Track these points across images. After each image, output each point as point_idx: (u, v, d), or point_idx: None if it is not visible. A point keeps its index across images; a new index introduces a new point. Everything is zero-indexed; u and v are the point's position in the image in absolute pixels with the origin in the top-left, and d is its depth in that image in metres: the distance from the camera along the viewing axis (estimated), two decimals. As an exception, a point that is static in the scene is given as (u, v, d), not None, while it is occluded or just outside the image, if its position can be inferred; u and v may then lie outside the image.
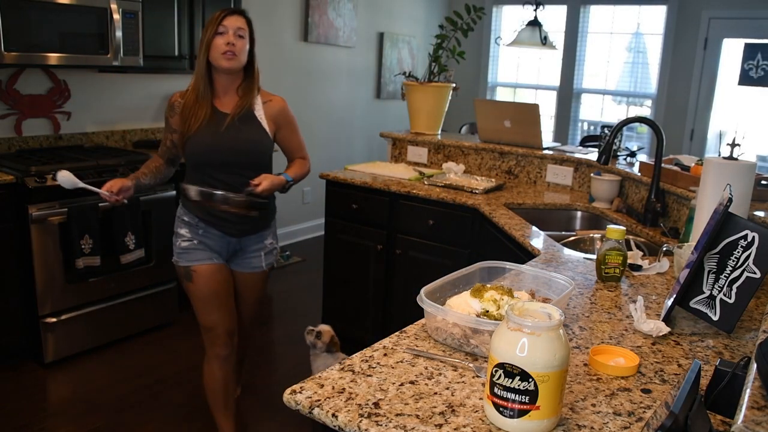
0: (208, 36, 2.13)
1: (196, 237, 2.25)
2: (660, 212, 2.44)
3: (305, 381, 1.12)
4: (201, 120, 2.15)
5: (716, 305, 1.41)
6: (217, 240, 2.26)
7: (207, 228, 2.24)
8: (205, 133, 2.16)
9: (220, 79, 2.20)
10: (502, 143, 3.43)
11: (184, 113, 2.18)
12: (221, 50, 2.11)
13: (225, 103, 2.22)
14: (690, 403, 0.86)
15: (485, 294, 1.31)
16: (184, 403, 2.88)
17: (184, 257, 2.26)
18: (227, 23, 2.13)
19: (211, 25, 2.14)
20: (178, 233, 2.30)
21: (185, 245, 2.26)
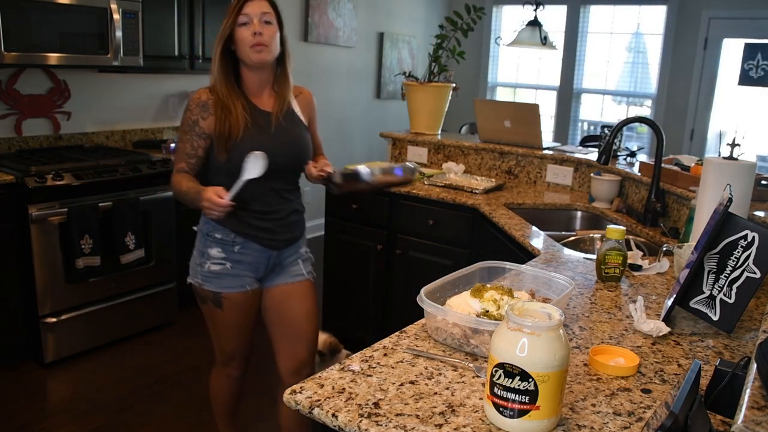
0: (225, 28, 1.86)
1: (231, 257, 1.94)
2: (660, 212, 2.44)
3: (305, 381, 1.12)
4: (245, 122, 1.86)
5: (716, 305, 1.41)
6: (255, 256, 1.97)
7: (245, 243, 1.94)
8: (254, 137, 1.87)
9: (252, 76, 1.92)
10: (502, 143, 3.43)
11: (218, 115, 1.87)
12: (249, 42, 1.84)
13: (263, 100, 1.95)
14: (690, 403, 0.86)
15: (485, 294, 1.31)
16: (184, 403, 2.88)
17: (214, 282, 1.96)
18: (249, 10, 1.85)
19: (229, 15, 1.86)
20: (205, 253, 1.96)
21: (216, 269, 1.94)
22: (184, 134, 1.90)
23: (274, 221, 1.95)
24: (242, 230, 1.93)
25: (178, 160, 1.92)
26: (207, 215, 1.82)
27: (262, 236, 1.95)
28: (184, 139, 1.90)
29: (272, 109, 1.94)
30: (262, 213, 1.94)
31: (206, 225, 1.97)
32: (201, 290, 2.00)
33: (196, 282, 2.00)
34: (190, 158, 1.90)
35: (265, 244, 1.96)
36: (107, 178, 3.17)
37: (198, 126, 1.87)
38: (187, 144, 1.89)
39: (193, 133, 1.88)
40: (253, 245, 1.95)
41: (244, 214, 1.90)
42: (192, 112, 1.88)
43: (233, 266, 1.95)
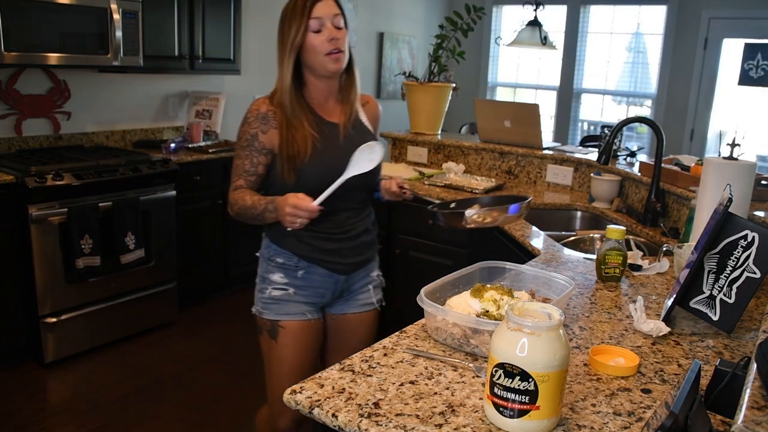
0: (297, 35, 1.65)
1: (294, 282, 1.78)
2: (660, 212, 2.44)
3: (305, 381, 1.12)
4: (313, 140, 1.68)
5: (716, 305, 1.41)
6: (321, 281, 1.79)
7: (310, 267, 1.77)
8: (323, 155, 1.69)
9: (321, 85, 1.74)
10: (502, 143, 3.43)
11: (283, 134, 1.68)
12: (325, 50, 1.65)
13: (328, 110, 1.77)
14: (690, 403, 0.86)
15: (485, 294, 1.31)
16: (184, 403, 2.88)
17: (273, 308, 1.79)
18: (321, 12, 1.65)
19: (295, 19, 1.65)
20: (266, 279, 1.81)
21: (277, 294, 1.78)
22: (242, 149, 1.72)
23: (342, 242, 1.76)
24: (306, 253, 1.75)
25: (236, 176, 1.73)
26: (288, 225, 1.58)
27: (328, 260, 1.76)
28: (242, 155, 1.72)
29: (339, 119, 1.77)
30: (330, 234, 1.75)
31: (267, 249, 1.81)
32: (260, 320, 1.83)
33: (256, 310, 1.84)
34: (249, 175, 1.72)
35: (331, 268, 1.78)
36: (107, 178, 3.17)
37: (258, 140, 1.70)
38: (246, 160, 1.71)
39: (253, 148, 1.70)
40: (319, 270, 1.77)
41: (308, 235, 1.72)
42: (250, 125, 1.71)
43: (296, 292, 1.78)
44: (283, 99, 1.70)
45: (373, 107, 1.91)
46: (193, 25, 3.86)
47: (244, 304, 4.03)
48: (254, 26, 4.67)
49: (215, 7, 3.97)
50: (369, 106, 1.90)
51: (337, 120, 1.76)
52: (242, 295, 4.17)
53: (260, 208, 1.65)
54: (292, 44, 1.67)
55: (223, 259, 4.04)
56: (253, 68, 4.73)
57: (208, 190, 3.87)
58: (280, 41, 1.71)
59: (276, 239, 1.79)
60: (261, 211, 1.65)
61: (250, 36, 4.62)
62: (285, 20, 1.69)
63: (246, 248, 4.20)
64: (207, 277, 3.98)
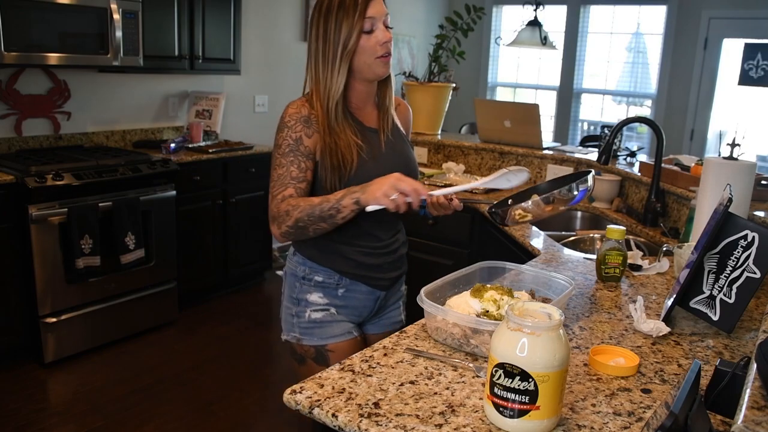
0: (350, 37, 1.49)
1: (334, 302, 1.64)
2: (660, 212, 2.44)
3: (305, 381, 1.12)
4: (357, 149, 1.55)
5: (716, 305, 1.41)
6: (362, 299, 1.67)
7: (352, 285, 1.64)
8: (368, 165, 1.56)
9: (362, 89, 1.60)
10: (502, 143, 3.43)
11: (327, 142, 1.53)
12: (376, 53, 1.52)
13: (366, 115, 1.64)
14: (690, 403, 0.86)
15: (485, 294, 1.31)
16: (184, 403, 2.88)
17: (316, 333, 1.63)
18: (374, 12, 1.50)
19: (347, 17, 1.49)
20: (302, 300, 1.64)
21: (318, 316, 1.63)
22: (284, 156, 1.52)
23: (384, 257, 1.66)
24: (348, 270, 1.62)
25: (281, 186, 1.51)
26: (389, 202, 1.38)
27: (370, 275, 1.65)
28: (286, 162, 1.52)
29: (377, 125, 1.64)
30: (371, 248, 1.63)
31: (301, 267, 1.65)
32: (299, 347, 1.65)
33: (292, 338, 1.66)
34: (299, 182, 1.51)
35: (372, 284, 1.67)
36: (107, 178, 3.17)
37: (303, 144, 1.52)
38: (293, 167, 1.51)
39: (298, 152, 1.52)
40: (361, 287, 1.65)
41: (353, 250, 1.61)
42: (292, 128, 1.53)
43: (338, 311, 1.65)
44: (327, 105, 1.54)
45: (404, 110, 1.77)
46: (193, 25, 3.86)
47: (244, 304, 4.05)
48: (254, 26, 4.68)
49: (215, 7, 3.97)
50: (400, 109, 1.76)
51: (375, 126, 1.64)
52: (242, 295, 4.18)
53: (333, 201, 1.43)
54: (344, 46, 1.50)
55: (222, 259, 4.04)
56: (253, 68, 4.73)
57: (208, 190, 3.87)
58: (323, 40, 1.52)
59: (313, 256, 1.63)
60: (334, 203, 1.43)
61: (250, 36, 4.62)
62: (331, 17, 1.50)
63: (246, 248, 4.20)
64: (207, 277, 3.98)
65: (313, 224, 1.46)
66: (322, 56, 1.53)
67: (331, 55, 1.51)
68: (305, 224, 1.47)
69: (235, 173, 4.02)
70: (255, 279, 4.41)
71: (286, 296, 1.69)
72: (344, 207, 1.43)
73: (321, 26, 1.53)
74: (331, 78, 1.53)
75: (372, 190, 1.39)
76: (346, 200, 1.42)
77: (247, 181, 4.10)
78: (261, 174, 4.21)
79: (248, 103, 4.78)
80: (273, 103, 4.97)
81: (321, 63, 1.54)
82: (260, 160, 4.18)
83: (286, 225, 1.49)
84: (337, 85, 1.53)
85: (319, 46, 1.54)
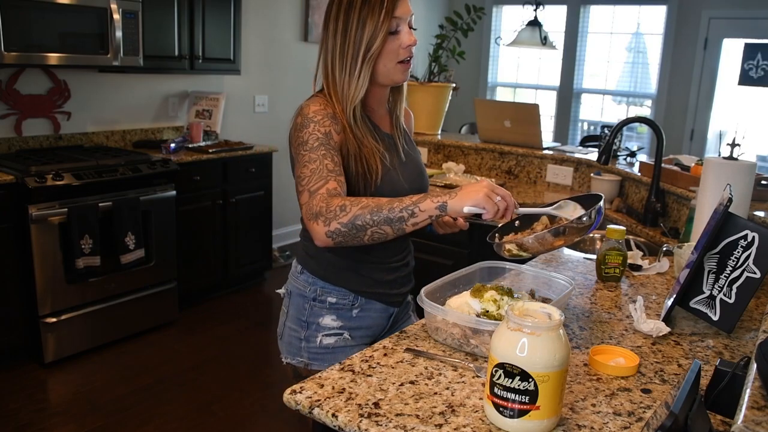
0: (375, 38, 1.36)
1: (348, 324, 1.53)
2: (660, 212, 2.44)
3: (305, 381, 1.12)
4: (380, 155, 1.44)
5: (716, 305, 1.41)
6: (376, 317, 1.57)
7: (367, 304, 1.54)
8: (391, 169, 1.46)
9: (379, 92, 1.49)
10: (502, 143, 3.43)
11: (351, 146, 1.42)
12: (399, 57, 1.40)
13: (380, 119, 1.53)
14: (690, 403, 0.86)
15: (485, 294, 1.30)
16: (184, 403, 2.88)
17: (327, 359, 1.51)
18: (402, 11, 1.38)
19: (372, 15, 1.35)
20: (313, 324, 1.53)
21: (331, 342, 1.52)
22: (313, 151, 1.34)
23: (398, 271, 1.56)
24: (364, 288, 1.52)
25: (320, 180, 1.31)
26: (490, 210, 1.22)
27: (385, 292, 1.55)
28: (317, 157, 1.34)
29: (390, 130, 1.54)
30: (389, 263, 1.54)
31: (311, 288, 1.52)
32: (307, 372, 1.52)
33: (299, 363, 1.55)
34: (338, 176, 1.34)
35: (387, 300, 1.57)
36: (107, 178, 3.17)
37: (333, 139, 1.37)
38: (327, 159, 1.34)
39: (329, 146, 1.36)
40: (375, 305, 1.55)
41: (369, 267, 1.51)
42: (320, 123, 1.37)
43: (352, 335, 1.53)
44: (346, 108, 1.41)
45: (407, 116, 1.68)
46: (193, 25, 3.86)
47: (244, 304, 4.05)
48: (254, 26, 4.68)
49: (215, 7, 3.97)
50: (405, 116, 1.67)
51: (389, 131, 1.53)
52: (242, 295, 4.18)
53: (408, 202, 1.24)
54: (367, 48, 1.37)
55: (222, 259, 4.04)
56: (253, 68, 4.73)
57: (208, 190, 3.87)
58: (342, 37, 1.38)
59: (326, 275, 1.51)
60: (409, 204, 1.24)
61: (250, 36, 4.62)
62: (353, 12, 1.36)
63: (246, 248, 4.20)
64: (207, 277, 3.98)
65: (375, 226, 1.24)
66: (340, 56, 1.39)
67: (351, 56, 1.38)
68: (364, 224, 1.24)
69: (235, 173, 4.02)
70: (255, 279, 4.41)
71: (290, 317, 1.56)
72: (423, 211, 1.23)
73: (341, 21, 1.38)
74: (350, 82, 1.40)
75: (468, 192, 1.22)
76: (426, 203, 1.23)
77: (247, 181, 4.10)
78: (261, 174, 4.21)
79: (248, 103, 4.78)
80: (273, 103, 4.97)
81: (338, 63, 1.40)
82: (260, 160, 4.18)
83: (339, 222, 1.25)
84: (358, 91, 1.40)
85: (337, 43, 1.39)
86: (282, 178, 4.72)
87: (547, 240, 1.29)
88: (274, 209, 4.54)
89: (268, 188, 4.30)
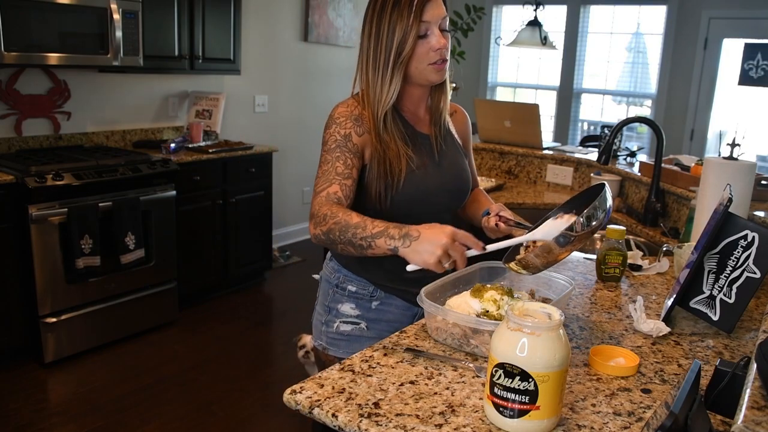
0: (404, 43, 1.38)
1: (367, 315, 1.56)
2: (660, 212, 2.44)
3: (305, 381, 1.12)
4: (407, 158, 1.44)
5: (716, 305, 1.41)
6: (398, 314, 1.58)
7: (387, 298, 1.56)
8: (418, 171, 1.46)
9: (414, 93, 1.50)
10: (502, 143, 3.43)
11: (377, 148, 1.43)
12: (430, 59, 1.40)
13: (419, 119, 1.53)
14: (690, 403, 0.86)
15: (485, 294, 1.31)
16: (184, 403, 2.88)
17: (342, 345, 1.56)
18: (430, 15, 1.38)
19: (401, 20, 1.37)
20: (333, 309, 1.57)
21: (347, 329, 1.56)
22: (329, 153, 1.41)
23: (426, 270, 1.45)
24: (385, 282, 1.53)
25: (326, 182, 1.38)
26: (433, 264, 1.20)
27: (408, 289, 1.53)
28: (331, 158, 1.39)
29: (430, 130, 1.53)
30: None
31: (336, 274, 1.57)
32: (325, 356, 1.58)
33: (319, 345, 1.61)
34: (344, 179, 1.37)
35: (410, 299, 1.55)
36: (107, 178, 3.17)
37: (351, 141, 1.41)
38: (339, 162, 1.38)
39: (345, 149, 1.40)
40: (396, 301, 1.56)
41: (392, 261, 1.40)
42: (341, 125, 1.42)
43: (369, 326, 1.56)
44: (376, 112, 1.43)
45: (461, 117, 1.65)
46: (193, 25, 3.86)
47: (244, 304, 4.05)
48: (254, 26, 4.68)
49: (215, 7, 3.97)
50: (457, 116, 1.65)
51: (427, 131, 1.53)
52: (242, 295, 4.17)
53: (368, 232, 1.26)
54: (398, 52, 1.39)
55: (222, 259, 4.04)
56: (253, 68, 4.73)
57: (208, 190, 3.87)
58: (375, 40, 1.41)
59: (349, 264, 1.55)
60: (368, 236, 1.25)
61: (250, 36, 4.62)
62: (384, 16, 1.38)
63: (246, 248, 4.20)
64: (207, 277, 3.98)
65: (341, 244, 1.30)
66: (374, 59, 1.42)
67: (383, 59, 1.40)
68: (335, 239, 1.30)
69: (235, 173, 4.02)
70: (255, 279, 4.41)
71: (319, 302, 1.61)
72: (377, 246, 1.25)
73: (374, 25, 1.41)
74: (382, 86, 1.42)
75: (418, 249, 1.20)
76: (380, 241, 1.24)
77: (247, 181, 4.10)
78: (261, 174, 4.21)
79: (248, 103, 4.78)
80: (273, 103, 4.97)
81: (372, 66, 1.43)
82: (260, 160, 4.18)
83: (321, 229, 1.32)
84: (390, 95, 1.42)
85: (371, 46, 1.42)
86: (282, 178, 4.72)
87: (553, 251, 1.23)
88: (274, 209, 4.54)
89: (268, 188, 4.30)
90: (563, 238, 1.20)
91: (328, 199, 1.35)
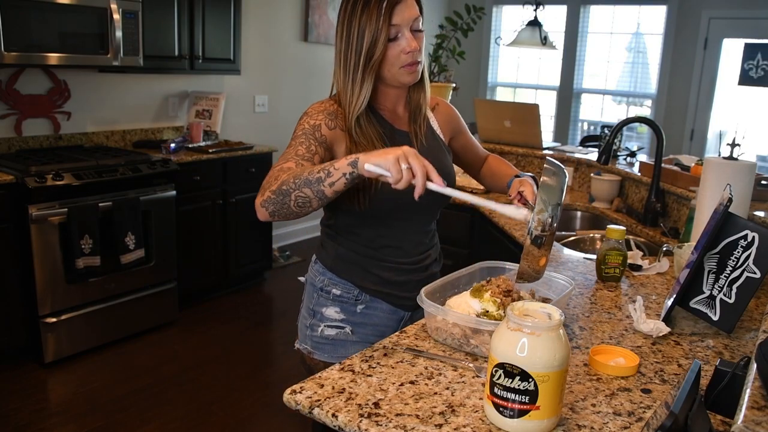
0: (374, 47, 1.35)
1: (351, 319, 1.53)
2: (660, 212, 2.44)
3: (305, 381, 1.12)
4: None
5: (716, 305, 1.41)
6: (383, 318, 1.55)
7: (372, 302, 1.53)
8: None
9: (390, 92, 1.48)
10: (502, 143, 3.43)
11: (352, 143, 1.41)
12: (401, 62, 1.38)
13: (397, 117, 1.52)
14: (690, 403, 0.86)
15: (485, 294, 1.31)
16: (184, 403, 2.88)
17: (326, 350, 1.54)
18: (400, 19, 1.35)
19: (369, 23, 1.34)
20: (318, 313, 1.54)
21: (332, 333, 1.53)
22: (295, 139, 1.38)
23: (411, 274, 1.53)
24: (369, 285, 1.51)
25: (284, 159, 1.33)
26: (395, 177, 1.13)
27: (393, 293, 1.53)
28: (296, 143, 1.37)
29: (410, 128, 1.51)
30: (399, 264, 1.52)
31: (320, 277, 1.54)
32: (310, 359, 1.56)
33: (304, 348, 1.58)
34: (303, 160, 1.33)
35: (396, 303, 1.54)
36: (107, 178, 3.17)
37: (320, 132, 1.38)
38: (301, 147, 1.35)
39: (312, 137, 1.37)
40: (382, 305, 1.54)
41: (376, 264, 1.49)
42: (312, 116, 1.41)
43: (354, 330, 1.53)
44: (349, 113, 1.41)
45: (443, 109, 1.63)
46: (193, 25, 3.86)
47: (244, 304, 4.05)
48: (254, 26, 4.68)
49: (215, 7, 3.97)
50: (439, 108, 1.62)
51: (407, 129, 1.51)
52: (242, 295, 4.17)
53: (327, 164, 1.20)
54: (368, 56, 1.36)
55: (222, 259, 4.04)
56: (253, 68, 4.73)
57: (208, 190, 3.87)
58: (346, 43, 1.38)
59: (334, 266, 1.52)
60: (326, 165, 1.20)
61: (250, 36, 4.62)
62: (354, 19, 1.36)
63: (246, 248, 4.20)
64: (207, 277, 3.98)
65: (297, 189, 1.21)
66: (344, 62, 1.39)
67: (353, 63, 1.38)
68: (288, 189, 1.22)
69: (235, 173, 4.02)
70: (255, 279, 4.41)
71: (304, 305, 1.60)
72: (337, 169, 1.18)
73: (345, 27, 1.39)
74: (353, 89, 1.39)
75: (378, 152, 1.16)
76: (341, 161, 1.18)
77: (247, 181, 4.10)
78: (261, 174, 4.21)
79: (248, 103, 4.78)
80: (273, 103, 4.97)
81: (343, 69, 1.40)
82: (260, 160, 4.18)
83: (270, 190, 1.25)
84: (361, 99, 1.39)
85: (342, 48, 1.40)
86: (282, 178, 4.70)
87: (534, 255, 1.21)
88: (274, 209, 4.53)
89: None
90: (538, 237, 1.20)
91: (280, 170, 1.29)
